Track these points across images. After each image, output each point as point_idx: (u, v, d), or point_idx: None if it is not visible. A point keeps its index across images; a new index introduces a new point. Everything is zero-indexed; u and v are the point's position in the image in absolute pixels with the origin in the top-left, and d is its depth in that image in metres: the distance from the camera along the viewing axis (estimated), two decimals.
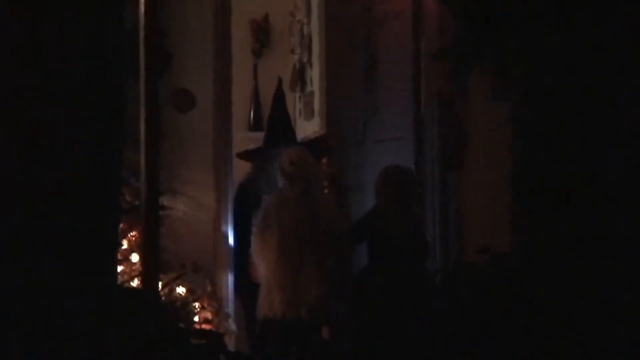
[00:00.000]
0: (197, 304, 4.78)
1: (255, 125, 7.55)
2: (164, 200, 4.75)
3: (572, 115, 4.49)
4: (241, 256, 4.98)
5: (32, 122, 3.91)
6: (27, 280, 3.83)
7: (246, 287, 4.95)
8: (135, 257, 4.66)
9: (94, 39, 3.97)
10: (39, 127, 3.90)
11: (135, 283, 4.59)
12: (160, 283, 4.45)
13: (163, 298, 4.60)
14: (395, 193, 4.84)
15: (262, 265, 4.75)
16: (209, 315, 4.80)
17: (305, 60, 7.06)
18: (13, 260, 3.84)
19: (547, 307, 4.27)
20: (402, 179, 4.88)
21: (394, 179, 4.87)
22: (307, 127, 7.04)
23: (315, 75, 6.82)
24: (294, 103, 7.19)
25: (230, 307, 5.09)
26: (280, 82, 5.55)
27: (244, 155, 5.38)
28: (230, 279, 5.09)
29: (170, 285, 4.72)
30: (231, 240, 5.21)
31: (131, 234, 4.68)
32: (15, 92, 3.92)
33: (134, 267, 4.65)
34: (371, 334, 4.63)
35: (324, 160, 5.93)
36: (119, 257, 4.46)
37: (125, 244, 4.67)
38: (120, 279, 4.46)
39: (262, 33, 7.57)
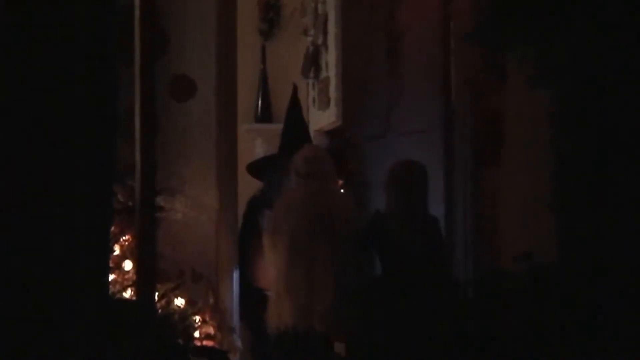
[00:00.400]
0: (197, 317, 4.70)
1: (263, 116, 7.51)
2: (161, 201, 4.70)
3: (622, 104, 4.39)
4: (245, 272, 4.97)
5: (11, 114, 3.83)
6: (8, 288, 3.76)
7: (250, 301, 4.92)
8: (128, 265, 4.62)
9: (83, 19, 3.90)
10: (18, 119, 3.83)
11: (128, 294, 4.55)
12: (156, 294, 4.41)
13: (159, 310, 4.55)
14: (404, 192, 4.70)
15: (272, 272, 4.73)
16: (210, 330, 4.71)
17: (319, 42, 6.99)
18: None
19: (597, 324, 4.20)
20: (411, 175, 4.73)
21: (402, 176, 4.72)
22: (322, 118, 6.98)
23: (330, 59, 6.78)
24: (306, 91, 7.19)
25: (235, 320, 5.04)
26: (295, 89, 5.47)
27: (255, 169, 5.32)
28: (235, 289, 5.05)
29: (167, 296, 4.66)
30: (236, 249, 5.18)
31: (124, 238, 4.63)
32: None
33: (126, 276, 4.60)
34: (384, 353, 4.57)
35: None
36: (110, 264, 4.42)
37: (117, 250, 4.62)
38: (111, 289, 4.43)
39: (271, 12, 7.50)
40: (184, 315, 4.63)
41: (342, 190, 5.49)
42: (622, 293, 4.24)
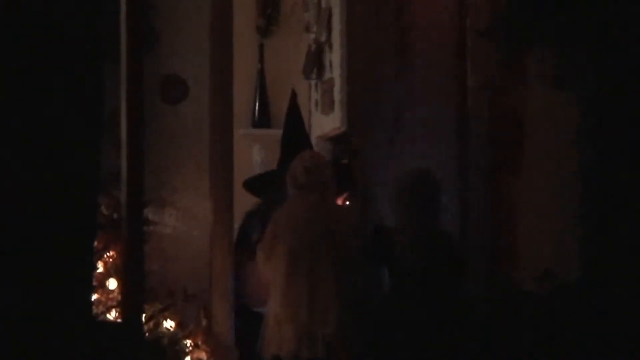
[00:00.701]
0: (188, 341, 4.71)
1: (260, 121, 7.55)
2: (149, 213, 4.77)
3: None
4: (238, 291, 5.04)
5: None
6: None
7: (244, 323, 4.97)
8: (112, 283, 4.65)
9: (64, 13, 3.95)
10: None
11: (112, 315, 4.58)
12: (143, 315, 4.50)
13: (147, 334, 4.60)
14: (412, 206, 4.78)
15: (268, 290, 4.79)
16: (203, 355, 4.72)
17: (322, 40, 7.08)
18: None
19: (623, 346, 4.30)
20: (420, 187, 4.82)
21: (410, 188, 4.81)
22: (325, 123, 7.08)
23: (335, 58, 6.86)
24: (308, 93, 7.24)
25: (230, 344, 5.03)
26: (294, 95, 5.50)
27: (252, 185, 5.38)
28: (231, 310, 5.04)
29: (156, 317, 4.70)
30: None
31: (108, 254, 4.67)
32: None
33: (111, 296, 4.63)
34: None
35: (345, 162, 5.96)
36: (94, 282, 4.45)
37: (100, 267, 4.65)
38: (94, 310, 4.44)
39: (269, 6, 7.54)
40: (174, 339, 4.67)
41: (347, 202, 5.55)
42: None
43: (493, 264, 5.00)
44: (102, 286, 4.62)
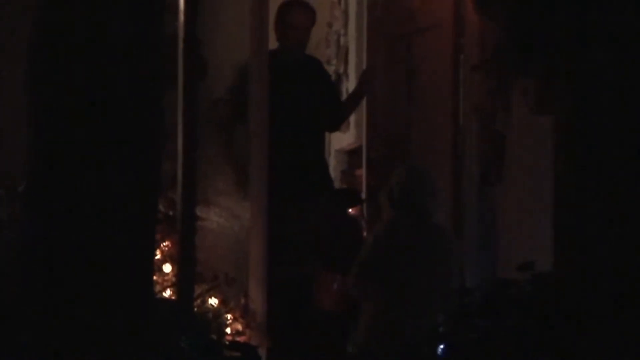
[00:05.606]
0: (229, 316, 4.91)
1: None
2: (199, 211, 4.93)
3: (618, 131, 4.55)
4: None
5: (67, 130, 4.01)
6: (63, 287, 3.96)
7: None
8: (167, 268, 4.82)
9: (133, 50, 4.06)
10: (74, 136, 4.01)
11: (167, 293, 4.78)
12: (193, 294, 4.73)
13: (196, 309, 4.75)
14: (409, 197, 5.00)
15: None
16: (240, 327, 4.95)
17: (341, 71, 7.35)
18: (49, 271, 3.96)
19: (594, 328, 4.31)
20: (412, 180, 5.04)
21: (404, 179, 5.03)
22: (342, 139, 7.30)
23: (351, 86, 7.03)
24: None
25: (262, 319, 5.20)
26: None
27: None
28: (264, 291, 5.22)
29: (203, 296, 4.85)
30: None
31: (164, 243, 4.83)
32: (52, 98, 4.01)
33: (166, 278, 4.81)
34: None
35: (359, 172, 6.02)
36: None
37: (158, 254, 4.79)
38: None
39: None
40: (218, 314, 4.82)
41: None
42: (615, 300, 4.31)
43: (484, 258, 5.20)
44: (160, 270, 4.75)
